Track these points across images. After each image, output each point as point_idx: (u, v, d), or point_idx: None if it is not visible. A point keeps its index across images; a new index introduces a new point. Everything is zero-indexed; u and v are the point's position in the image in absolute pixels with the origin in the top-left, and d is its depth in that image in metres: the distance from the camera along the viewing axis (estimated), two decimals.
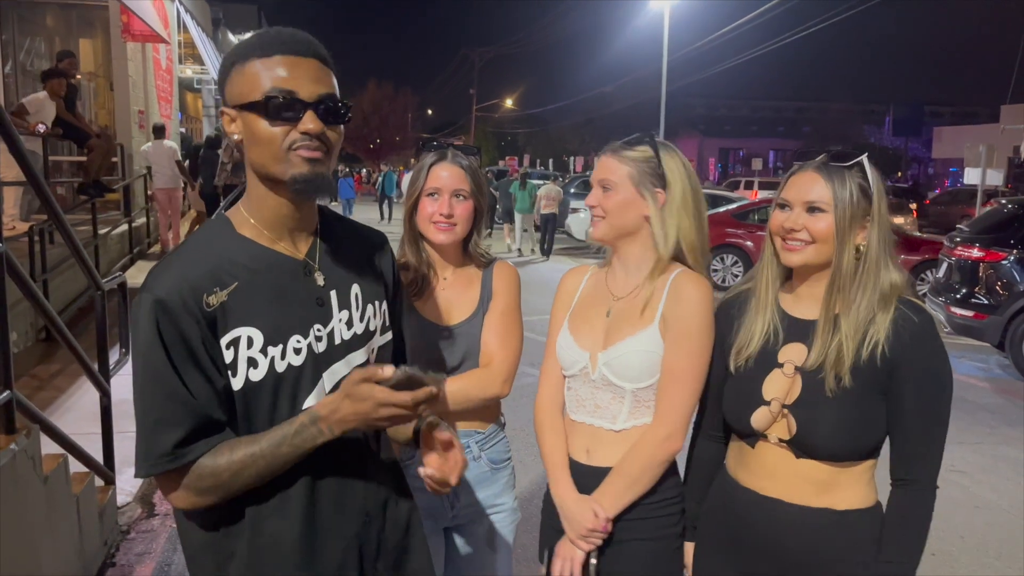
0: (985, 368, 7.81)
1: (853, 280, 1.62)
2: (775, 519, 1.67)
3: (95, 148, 8.96)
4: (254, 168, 1.36)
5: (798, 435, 1.62)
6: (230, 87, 1.34)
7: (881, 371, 1.59)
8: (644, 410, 1.83)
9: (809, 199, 1.64)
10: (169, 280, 1.28)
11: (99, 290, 3.88)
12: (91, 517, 3.41)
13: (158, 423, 1.26)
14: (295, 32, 1.34)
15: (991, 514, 4.36)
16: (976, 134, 29.30)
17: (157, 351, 1.25)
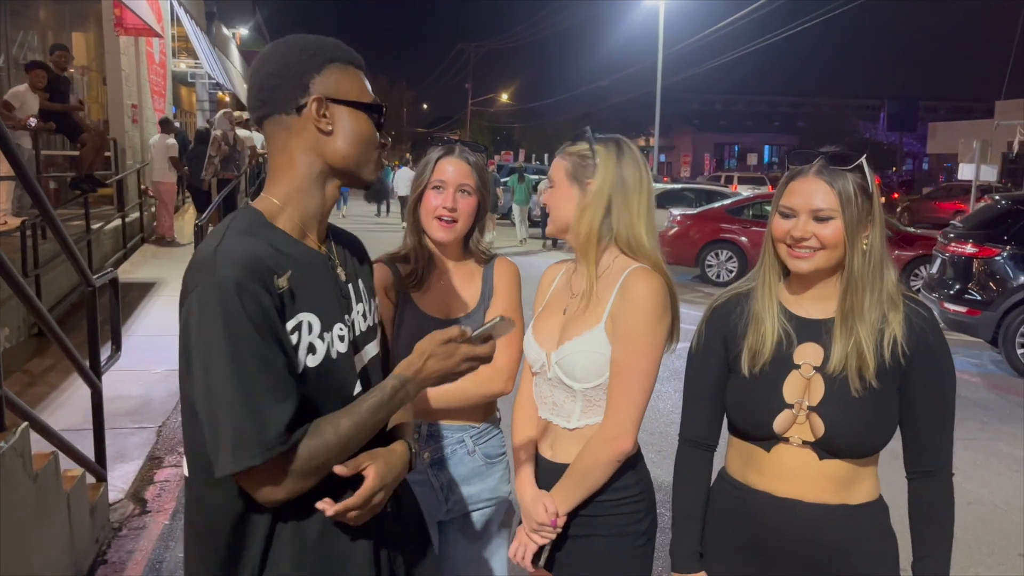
0: (978, 364, 7.83)
1: (863, 280, 1.63)
2: (794, 520, 1.66)
3: (87, 142, 8.92)
4: (331, 161, 1.38)
5: (826, 435, 1.62)
6: (326, 80, 1.36)
7: (897, 368, 1.62)
8: (596, 409, 1.83)
9: (816, 207, 1.62)
10: (240, 259, 1.25)
11: (90, 286, 3.86)
12: (82, 515, 3.40)
13: (266, 406, 1.21)
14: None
15: (984, 510, 4.38)
16: (970, 129, 29.36)
17: (251, 333, 1.21)
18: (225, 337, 1.20)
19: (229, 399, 1.20)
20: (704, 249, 12.76)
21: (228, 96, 24.51)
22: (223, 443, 1.20)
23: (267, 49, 1.42)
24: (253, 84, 1.40)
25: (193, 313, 1.23)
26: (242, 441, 1.20)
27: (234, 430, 1.20)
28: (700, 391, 1.81)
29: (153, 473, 4.53)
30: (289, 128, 1.37)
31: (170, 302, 8.53)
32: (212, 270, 1.24)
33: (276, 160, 1.40)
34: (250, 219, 1.36)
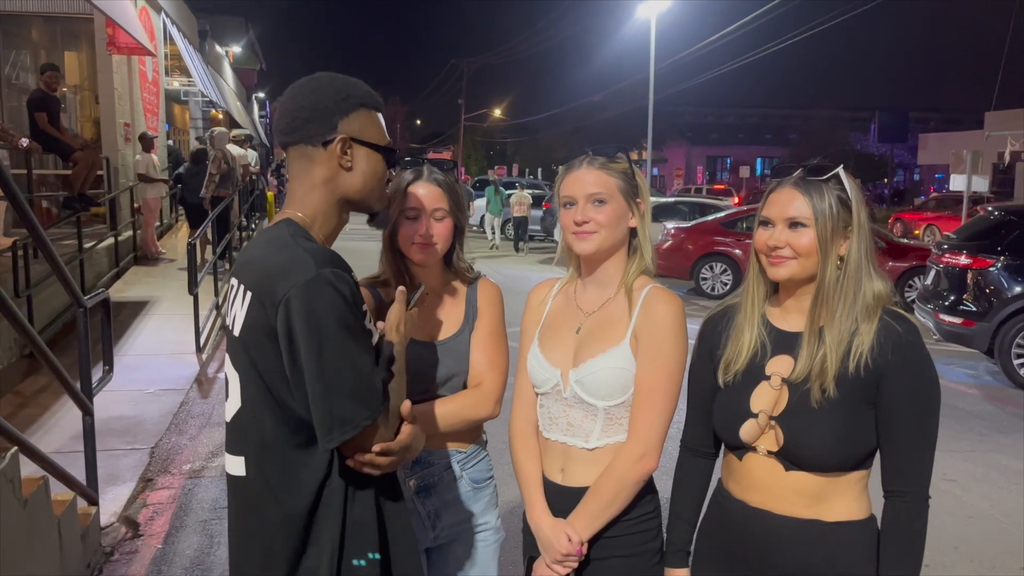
0: (975, 375, 7.82)
1: (836, 291, 1.64)
2: (765, 531, 1.67)
3: (79, 161, 8.88)
4: (347, 193, 1.57)
5: (785, 446, 1.63)
6: (353, 122, 1.55)
7: (866, 382, 1.60)
8: (617, 428, 1.81)
9: (789, 215, 1.66)
10: (330, 258, 1.45)
11: (81, 307, 3.82)
12: (73, 540, 3.35)
13: (371, 373, 1.43)
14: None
15: (985, 523, 4.35)
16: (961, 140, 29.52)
17: (355, 314, 1.42)
18: (335, 322, 1.38)
19: (344, 373, 1.38)
20: (698, 262, 12.77)
21: (221, 114, 24.53)
22: (338, 415, 1.38)
23: (303, 82, 1.58)
24: (285, 112, 1.56)
25: (298, 307, 1.38)
26: (360, 404, 1.40)
27: (351, 398, 1.39)
28: (696, 401, 1.86)
29: (146, 495, 4.48)
30: (313, 158, 1.54)
31: (163, 321, 8.48)
32: (306, 268, 1.40)
33: (299, 184, 1.57)
34: (296, 230, 1.51)
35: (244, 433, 1.50)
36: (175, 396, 6.26)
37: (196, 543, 3.90)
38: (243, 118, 24.87)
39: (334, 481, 1.47)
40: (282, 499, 1.47)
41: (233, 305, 1.51)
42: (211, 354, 7.82)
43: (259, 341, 1.43)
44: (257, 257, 1.50)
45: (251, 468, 1.49)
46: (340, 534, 1.47)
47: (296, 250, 1.44)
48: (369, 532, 1.50)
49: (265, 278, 1.43)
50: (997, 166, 23.87)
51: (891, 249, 11.79)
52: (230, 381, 1.53)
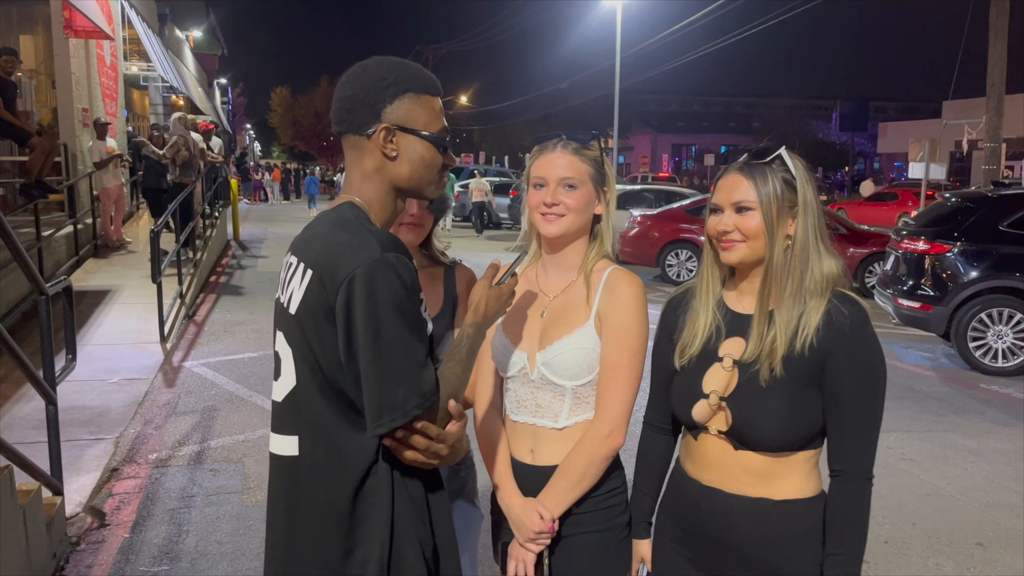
0: (932, 358, 8.02)
1: (784, 271, 1.67)
2: (717, 508, 1.72)
3: (36, 147, 8.68)
4: (398, 181, 1.55)
5: (734, 426, 1.67)
6: (399, 108, 1.51)
7: (812, 362, 1.63)
8: (585, 406, 1.85)
9: (735, 200, 1.69)
10: (394, 243, 1.44)
11: (42, 294, 3.76)
12: (38, 530, 3.31)
13: (425, 362, 1.41)
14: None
15: (941, 501, 4.48)
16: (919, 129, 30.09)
17: (414, 301, 1.41)
18: (394, 306, 1.37)
19: (398, 361, 1.37)
20: (664, 249, 12.89)
21: (182, 99, 24.08)
22: (390, 401, 1.37)
23: (353, 69, 1.56)
24: (335, 102, 1.56)
25: (360, 289, 1.37)
26: (411, 395, 1.38)
27: (404, 387, 1.37)
28: (657, 380, 1.90)
29: (112, 485, 4.43)
30: (361, 148, 1.53)
31: (126, 310, 8.35)
32: (370, 250, 1.39)
33: (352, 173, 1.57)
34: (358, 213, 1.51)
35: (298, 412, 1.48)
36: (140, 385, 6.19)
37: (164, 532, 3.87)
38: (205, 104, 24.44)
39: (381, 468, 1.45)
40: (331, 481, 1.45)
41: (290, 282, 1.49)
42: (175, 343, 7.73)
43: (316, 321, 1.42)
44: (320, 235, 1.49)
45: (304, 448, 1.47)
46: (390, 525, 1.45)
47: (361, 231, 1.43)
48: (419, 526, 1.49)
49: (328, 257, 1.42)
50: (955, 154, 24.40)
51: (852, 235, 12.01)
52: (282, 359, 1.50)
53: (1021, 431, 5.72)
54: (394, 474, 1.46)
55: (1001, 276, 7.33)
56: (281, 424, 1.52)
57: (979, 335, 7.40)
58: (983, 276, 7.36)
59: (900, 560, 3.77)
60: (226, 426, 5.44)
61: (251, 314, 9.34)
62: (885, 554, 3.81)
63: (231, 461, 4.82)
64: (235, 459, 4.85)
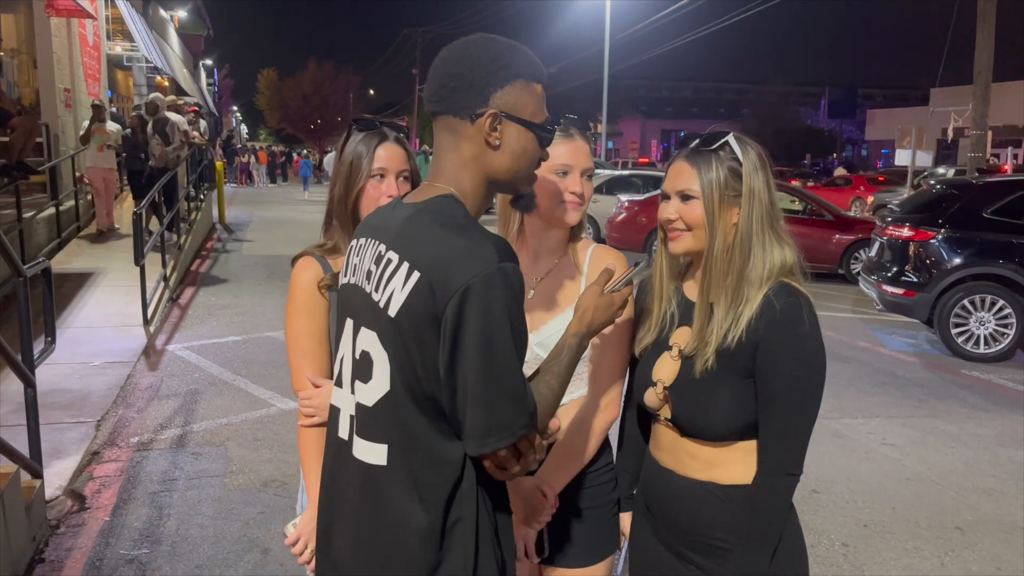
0: (915, 344, 8.07)
1: (724, 263, 1.64)
2: (669, 490, 1.75)
3: (17, 128, 8.55)
4: (494, 173, 1.44)
5: (674, 416, 1.69)
6: (507, 96, 1.40)
7: (743, 355, 1.60)
8: (579, 382, 1.87)
9: (679, 188, 1.66)
10: (508, 251, 1.34)
11: (21, 276, 3.71)
12: (17, 513, 3.28)
13: (527, 382, 1.35)
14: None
15: (921, 485, 4.52)
16: (907, 116, 30.17)
17: (521, 317, 1.33)
18: (508, 321, 1.29)
19: (508, 379, 1.30)
20: (651, 235, 12.89)
21: (167, 80, 23.83)
22: (498, 419, 1.30)
23: (457, 45, 1.44)
24: (434, 78, 1.43)
25: (475, 300, 1.27)
26: (519, 414, 1.31)
27: (512, 405, 1.31)
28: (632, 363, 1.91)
29: (92, 468, 4.40)
30: (460, 132, 1.41)
31: (108, 293, 8.28)
32: (489, 259, 1.29)
33: (447, 159, 1.44)
34: (465, 211, 1.41)
35: (390, 420, 1.38)
36: (122, 369, 6.14)
37: (145, 515, 3.86)
38: (190, 85, 24.20)
39: (467, 481, 1.38)
40: (423, 495, 1.37)
41: (389, 281, 1.36)
42: (159, 326, 7.68)
43: (420, 328, 1.31)
44: (431, 235, 1.35)
45: (395, 458, 1.38)
46: (475, 538, 1.38)
47: (477, 236, 1.33)
48: (493, 539, 1.43)
49: (441, 262, 1.30)
50: (941, 142, 24.48)
51: (838, 222, 12.05)
52: (375, 362, 1.38)
53: (1001, 417, 5.78)
54: (478, 488, 1.40)
55: (984, 263, 7.37)
56: (371, 430, 1.41)
57: (962, 321, 7.45)
58: (966, 263, 7.40)
59: (879, 543, 3.80)
60: (209, 409, 5.42)
61: (235, 297, 9.29)
62: (865, 537, 3.84)
63: (213, 444, 4.79)
64: (217, 442, 4.82)
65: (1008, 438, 5.32)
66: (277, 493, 4.13)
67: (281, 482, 4.26)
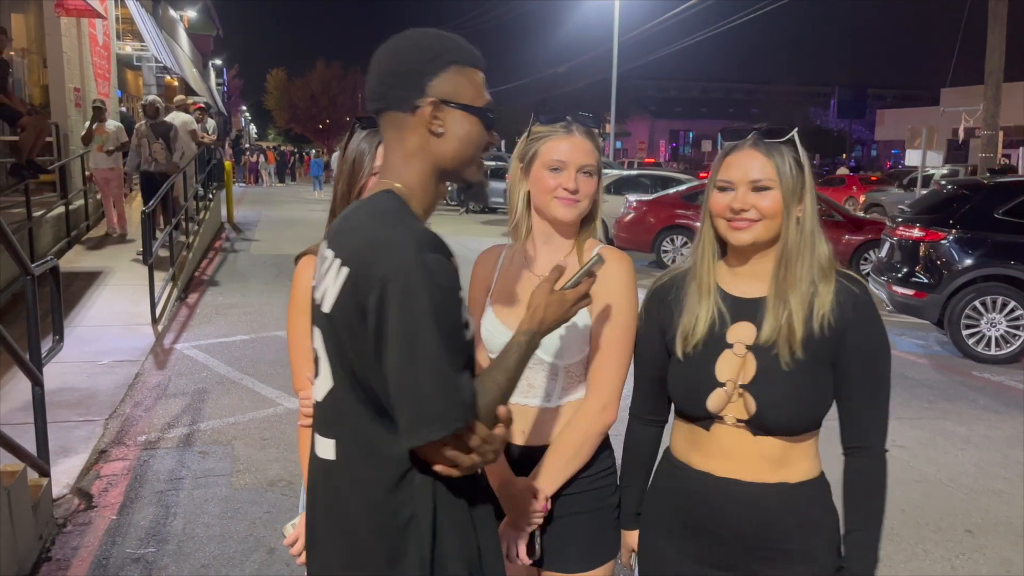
0: (924, 345, 8.02)
1: (797, 253, 1.65)
2: (731, 499, 1.68)
3: (27, 127, 8.59)
4: (443, 162, 1.44)
5: (758, 413, 1.63)
6: (444, 83, 1.40)
7: (829, 342, 1.62)
8: (577, 385, 1.85)
9: (753, 178, 1.64)
10: (434, 242, 1.34)
11: (29, 275, 3.72)
12: (24, 511, 3.29)
13: (462, 372, 1.32)
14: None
15: (930, 487, 4.48)
16: (917, 116, 30.01)
17: (452, 308, 1.31)
18: (431, 312, 1.27)
19: (436, 370, 1.27)
20: (660, 235, 12.86)
21: (176, 80, 23.91)
22: (428, 412, 1.28)
23: (390, 42, 1.45)
24: (371, 76, 1.45)
25: (394, 292, 1.27)
26: (450, 407, 1.28)
27: (442, 398, 1.28)
28: (643, 371, 1.86)
29: (99, 467, 4.41)
30: (403, 125, 1.42)
31: (116, 292, 8.31)
32: (408, 250, 1.29)
33: (393, 154, 1.45)
34: (399, 204, 1.41)
35: (336, 414, 1.41)
36: (130, 368, 6.16)
37: (151, 514, 3.86)
38: (199, 85, 24.30)
39: (418, 477, 1.37)
40: (368, 490, 1.37)
41: (325, 277, 1.40)
42: (167, 325, 7.70)
43: (350, 321, 1.32)
44: (357, 227, 1.38)
45: (341, 452, 1.40)
46: (431, 538, 1.37)
47: (399, 227, 1.33)
48: (463, 540, 1.41)
49: (364, 254, 1.32)
50: (952, 142, 24.35)
51: (848, 223, 11.99)
52: (320, 358, 1.43)
53: (1012, 419, 5.73)
54: (436, 484, 1.38)
55: (995, 264, 7.31)
56: (322, 425, 1.46)
57: (973, 323, 7.39)
58: (977, 264, 7.34)
59: (888, 546, 3.77)
60: (216, 408, 5.42)
61: (243, 297, 9.31)
62: None
63: (220, 443, 4.80)
64: (224, 441, 4.83)
65: (1019, 440, 5.28)
66: (284, 492, 4.12)
67: (288, 481, 4.26)
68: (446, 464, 1.34)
